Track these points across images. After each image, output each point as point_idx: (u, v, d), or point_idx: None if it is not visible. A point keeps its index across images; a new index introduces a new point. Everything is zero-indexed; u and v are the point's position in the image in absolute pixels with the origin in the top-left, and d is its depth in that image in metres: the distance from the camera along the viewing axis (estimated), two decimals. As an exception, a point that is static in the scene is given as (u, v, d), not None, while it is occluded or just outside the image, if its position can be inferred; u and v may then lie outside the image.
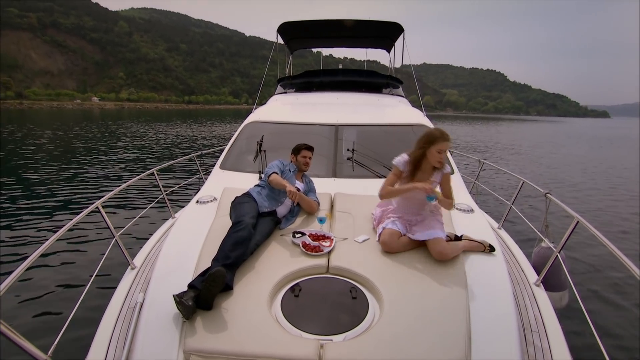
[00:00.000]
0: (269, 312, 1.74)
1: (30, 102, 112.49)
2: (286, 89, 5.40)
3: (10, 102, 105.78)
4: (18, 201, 7.36)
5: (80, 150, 15.36)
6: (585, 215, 5.77)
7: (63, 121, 35.56)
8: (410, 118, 4.12)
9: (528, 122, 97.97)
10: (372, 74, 5.38)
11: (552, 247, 2.83)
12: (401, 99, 5.11)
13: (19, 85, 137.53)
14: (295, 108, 4.54)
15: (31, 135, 20.76)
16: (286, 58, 6.90)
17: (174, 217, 3.36)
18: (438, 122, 61.36)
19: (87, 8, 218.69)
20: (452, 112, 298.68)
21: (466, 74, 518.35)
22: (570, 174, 13.02)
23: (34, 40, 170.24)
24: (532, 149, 21.91)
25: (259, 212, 2.47)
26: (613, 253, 1.88)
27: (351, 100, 4.71)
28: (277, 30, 5.94)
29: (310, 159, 2.87)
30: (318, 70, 5.58)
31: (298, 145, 2.89)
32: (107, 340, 1.82)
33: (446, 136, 2.30)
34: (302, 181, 2.87)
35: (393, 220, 2.36)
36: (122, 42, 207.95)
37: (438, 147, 2.29)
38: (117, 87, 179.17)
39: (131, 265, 2.46)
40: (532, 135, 36.81)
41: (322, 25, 6.01)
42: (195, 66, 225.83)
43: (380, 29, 6.10)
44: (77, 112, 64.88)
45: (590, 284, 4.47)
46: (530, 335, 1.89)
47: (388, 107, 4.65)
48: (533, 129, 53.77)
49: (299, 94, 5.09)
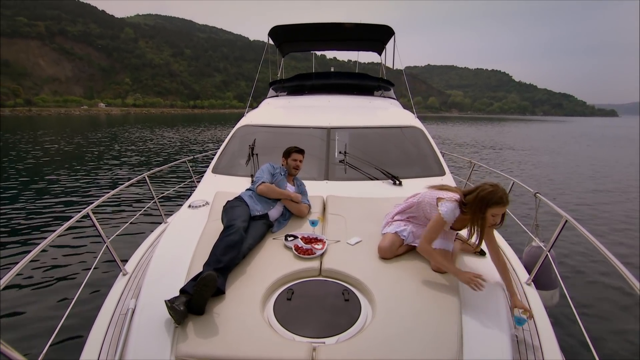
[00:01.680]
0: (261, 315, 1.74)
1: (39, 109, 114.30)
2: (278, 92, 5.40)
3: (20, 109, 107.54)
4: (7, 207, 7.29)
5: (78, 156, 15.43)
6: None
7: (70, 127, 36.00)
8: (402, 120, 4.15)
9: (534, 122, 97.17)
10: (363, 76, 5.42)
11: (542, 246, 2.87)
12: (392, 101, 5.13)
13: (28, 93, 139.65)
14: (287, 111, 4.56)
15: (36, 141, 21.06)
16: (278, 61, 6.93)
17: (166, 222, 3.35)
18: (442, 124, 61.26)
19: (93, 15, 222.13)
20: (457, 113, 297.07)
21: (471, 74, 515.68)
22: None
23: (43, 48, 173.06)
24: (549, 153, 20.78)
25: (251, 215, 2.48)
26: (601, 251, 1.89)
27: (343, 102, 4.73)
28: (268, 33, 5.99)
29: (301, 162, 2.87)
30: (310, 73, 5.61)
31: (289, 148, 2.90)
32: (99, 347, 1.79)
33: (506, 200, 1.93)
34: (293, 184, 2.88)
35: (401, 226, 2.33)
36: (127, 49, 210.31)
37: (495, 211, 1.94)
38: (123, 92, 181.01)
39: (123, 271, 2.45)
40: (539, 136, 36.46)
41: (313, 28, 6.03)
42: (200, 71, 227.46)
43: (371, 32, 6.11)
44: (84, 118, 65.66)
45: (580, 282, 4.54)
46: (521, 334, 1.89)
47: (380, 109, 4.67)
48: (540, 129, 53.25)
49: (291, 97, 5.10)
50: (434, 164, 3.61)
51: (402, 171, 3.35)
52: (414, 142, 3.87)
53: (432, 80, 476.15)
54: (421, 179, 3.35)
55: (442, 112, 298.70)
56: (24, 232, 5.99)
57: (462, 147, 22.31)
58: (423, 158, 3.71)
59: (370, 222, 2.60)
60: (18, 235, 5.84)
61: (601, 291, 4.35)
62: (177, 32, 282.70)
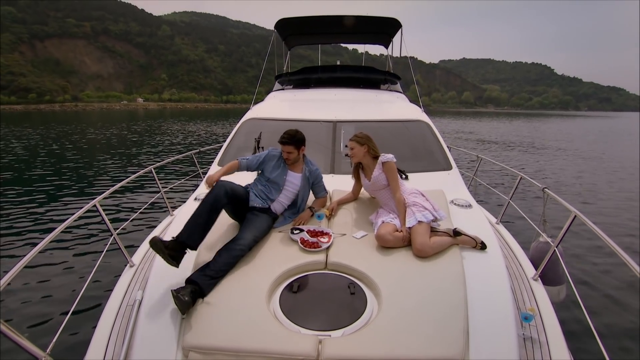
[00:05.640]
0: (267, 308, 1.74)
1: (84, 103, 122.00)
2: (284, 86, 5.37)
3: (68, 104, 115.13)
4: (16, 199, 7.39)
5: (103, 149, 15.68)
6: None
7: (110, 121, 37.97)
8: (408, 114, 4.12)
9: (578, 117, 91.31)
10: (370, 70, 5.35)
11: (549, 241, 2.83)
12: (399, 95, 5.06)
13: (75, 89, 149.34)
14: (293, 104, 4.56)
15: (77, 133, 22.41)
16: (284, 54, 6.87)
17: (172, 215, 3.39)
18: (474, 119, 58.54)
19: (133, 14, 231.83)
20: (493, 108, 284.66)
21: (509, 68, 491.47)
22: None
23: (88, 47, 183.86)
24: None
25: (250, 206, 2.45)
26: (610, 247, 1.88)
27: (349, 96, 4.69)
28: (274, 26, 5.93)
29: (290, 152, 2.57)
30: (316, 66, 5.56)
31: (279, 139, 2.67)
32: (107, 338, 1.83)
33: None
34: (301, 171, 2.63)
35: (391, 216, 2.43)
36: (164, 45, 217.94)
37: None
38: (160, 88, 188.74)
39: (129, 263, 2.48)
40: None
41: (320, 21, 5.98)
42: (233, 66, 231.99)
43: (378, 25, 6.01)
44: (124, 113, 69.28)
45: (588, 278, 4.41)
46: (528, 330, 1.89)
47: (386, 103, 4.63)
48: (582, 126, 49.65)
49: (297, 91, 5.07)
50: (441, 158, 3.58)
51: (408, 165, 3.32)
52: (421, 136, 3.84)
53: (467, 74, 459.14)
54: (428, 173, 3.35)
55: (477, 107, 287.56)
56: (31, 225, 6.05)
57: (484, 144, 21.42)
58: (430, 152, 3.68)
59: None
60: (29, 226, 5.96)
61: (610, 287, 4.22)
62: (212, 28, 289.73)
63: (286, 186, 2.58)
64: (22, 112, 71.57)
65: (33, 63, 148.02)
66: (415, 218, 2.27)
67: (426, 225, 2.25)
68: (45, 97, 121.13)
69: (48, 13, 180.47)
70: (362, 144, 2.57)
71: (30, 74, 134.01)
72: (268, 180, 2.59)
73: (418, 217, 2.27)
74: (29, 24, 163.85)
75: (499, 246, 2.30)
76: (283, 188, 2.57)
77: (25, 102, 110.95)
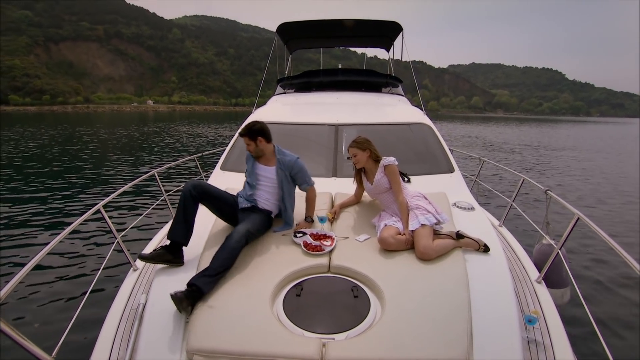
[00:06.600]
0: (271, 311, 1.74)
1: (95, 105, 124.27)
2: (286, 90, 5.35)
3: (80, 106, 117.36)
4: (20, 205, 7.34)
5: (108, 152, 15.55)
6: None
7: (121, 123, 38.40)
8: (410, 117, 4.12)
9: (588, 123, 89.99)
10: (371, 73, 5.35)
11: (553, 243, 2.80)
12: (401, 98, 5.05)
13: (87, 91, 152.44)
14: (295, 108, 4.56)
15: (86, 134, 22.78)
16: (285, 58, 6.89)
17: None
18: (481, 124, 57.82)
19: (145, 18, 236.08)
20: (502, 113, 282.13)
21: (519, 73, 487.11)
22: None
23: (100, 49, 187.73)
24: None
25: (240, 208, 2.47)
26: (614, 248, 1.87)
27: (351, 99, 4.69)
28: (276, 30, 5.92)
29: (248, 145, 2.49)
30: (317, 70, 5.56)
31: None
32: (111, 341, 1.84)
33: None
34: (274, 165, 2.51)
35: (393, 219, 2.44)
36: (175, 48, 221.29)
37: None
38: (169, 90, 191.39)
39: (133, 266, 2.50)
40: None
41: (321, 25, 5.96)
42: (243, 69, 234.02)
43: (379, 28, 6.03)
44: (134, 115, 70.18)
45: (592, 281, 4.38)
46: (532, 332, 1.89)
47: (388, 106, 4.63)
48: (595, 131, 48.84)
49: (299, 94, 5.06)
50: (443, 161, 3.57)
51: (410, 168, 3.29)
52: (423, 139, 3.84)
53: (477, 79, 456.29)
54: (430, 176, 3.35)
55: (486, 112, 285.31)
56: (35, 229, 6.03)
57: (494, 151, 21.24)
58: (432, 155, 3.67)
59: None
60: (33, 229, 5.97)
61: (614, 290, 4.19)
62: (222, 32, 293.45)
63: (260, 181, 2.51)
64: (35, 113, 73.27)
65: (47, 65, 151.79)
66: (418, 221, 2.28)
67: (429, 228, 2.25)
68: (58, 98, 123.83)
69: (63, 17, 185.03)
70: (364, 149, 2.58)
71: (44, 76, 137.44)
72: (246, 180, 2.60)
73: (421, 220, 2.28)
74: (44, 27, 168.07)
75: (501, 248, 2.29)
76: (257, 183, 2.51)
77: (39, 103, 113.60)
